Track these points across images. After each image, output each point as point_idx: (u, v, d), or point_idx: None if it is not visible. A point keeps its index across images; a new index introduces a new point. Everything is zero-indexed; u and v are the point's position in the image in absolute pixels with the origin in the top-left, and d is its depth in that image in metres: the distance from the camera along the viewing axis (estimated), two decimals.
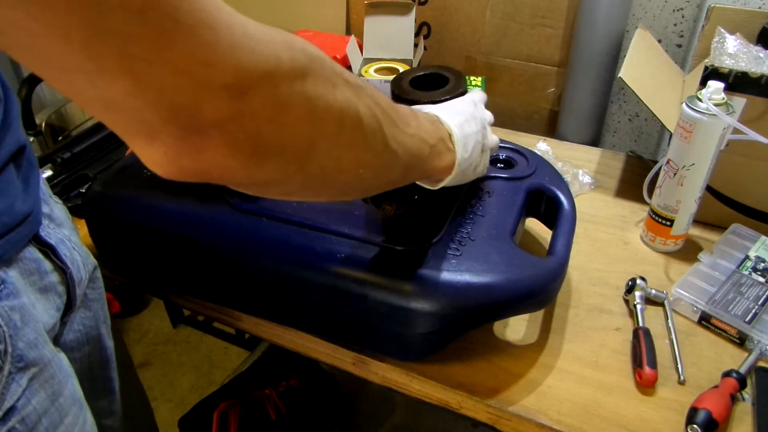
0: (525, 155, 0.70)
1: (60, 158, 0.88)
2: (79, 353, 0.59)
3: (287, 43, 0.30)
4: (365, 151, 0.37)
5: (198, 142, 0.28)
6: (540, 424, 0.54)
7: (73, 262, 0.54)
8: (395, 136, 0.40)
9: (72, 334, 0.57)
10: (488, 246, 0.56)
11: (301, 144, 0.32)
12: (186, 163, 0.29)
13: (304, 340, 0.63)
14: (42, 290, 0.49)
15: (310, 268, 0.56)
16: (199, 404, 1.20)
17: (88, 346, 0.60)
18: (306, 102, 0.31)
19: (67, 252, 0.53)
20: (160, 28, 0.24)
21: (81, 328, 0.58)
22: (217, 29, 0.26)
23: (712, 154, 0.66)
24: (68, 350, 0.56)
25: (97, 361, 0.62)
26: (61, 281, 0.52)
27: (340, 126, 0.34)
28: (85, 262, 0.57)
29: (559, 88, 1.17)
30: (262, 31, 0.29)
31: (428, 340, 0.56)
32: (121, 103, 0.26)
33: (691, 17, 1.06)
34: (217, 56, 0.26)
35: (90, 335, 0.60)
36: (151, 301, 1.76)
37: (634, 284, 0.66)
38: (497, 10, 1.15)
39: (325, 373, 1.28)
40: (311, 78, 0.31)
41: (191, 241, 0.60)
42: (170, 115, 0.26)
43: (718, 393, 0.54)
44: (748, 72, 0.66)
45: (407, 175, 0.45)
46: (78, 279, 0.54)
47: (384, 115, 0.38)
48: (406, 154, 0.42)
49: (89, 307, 0.59)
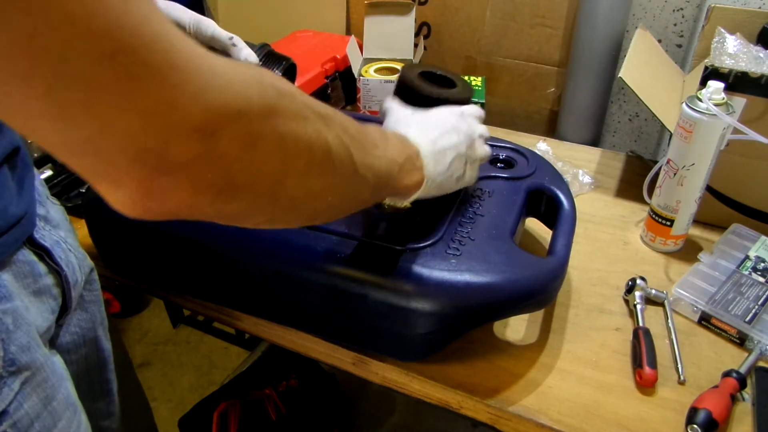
0: (525, 155, 0.71)
1: None
2: (76, 355, 0.58)
3: (257, 78, 0.30)
4: (335, 178, 0.37)
5: (165, 183, 0.27)
6: (540, 424, 0.54)
7: (69, 264, 0.54)
8: (364, 160, 0.40)
9: (68, 336, 0.57)
10: (488, 246, 0.56)
11: (270, 179, 0.32)
12: (153, 204, 0.28)
13: (304, 340, 0.63)
14: (36, 293, 0.49)
15: (310, 268, 0.56)
16: (199, 404, 1.20)
17: (84, 347, 0.60)
18: (276, 138, 0.31)
19: (62, 254, 0.53)
20: (129, 72, 0.24)
21: (78, 330, 0.58)
22: (186, 71, 0.25)
23: (712, 154, 0.66)
24: (64, 352, 0.56)
25: (95, 362, 0.62)
26: (56, 284, 0.52)
27: (310, 158, 0.34)
28: (81, 264, 0.57)
29: (559, 88, 1.17)
30: (231, 69, 0.28)
31: (428, 340, 0.56)
32: (87, 147, 0.25)
33: (691, 17, 1.07)
34: (185, 98, 0.25)
35: (87, 337, 0.60)
36: (151, 301, 1.76)
37: (634, 284, 0.66)
38: (497, 10, 1.15)
39: (325, 373, 1.28)
40: (281, 114, 0.31)
41: (191, 241, 0.60)
42: (137, 157, 0.26)
43: (718, 393, 0.54)
44: (748, 72, 0.66)
45: (375, 195, 0.46)
46: (73, 281, 0.54)
47: (353, 141, 0.38)
48: (375, 176, 0.42)
49: (86, 309, 0.59)
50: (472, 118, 0.56)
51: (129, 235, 0.65)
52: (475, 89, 0.90)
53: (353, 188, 0.41)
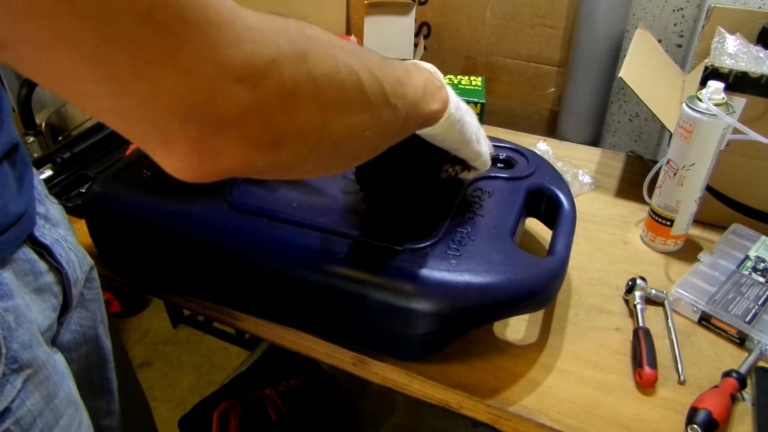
0: (525, 155, 0.70)
1: (60, 158, 0.88)
2: (77, 353, 0.59)
3: (284, 27, 0.31)
4: (371, 113, 0.38)
5: (218, 141, 0.28)
6: (540, 424, 0.54)
7: (69, 262, 0.54)
8: (395, 90, 0.41)
9: (69, 334, 0.57)
10: (488, 246, 0.56)
11: (313, 124, 0.32)
12: (208, 165, 0.29)
13: (304, 340, 0.63)
14: (37, 291, 0.49)
15: (310, 268, 0.56)
16: (199, 404, 1.20)
17: (85, 346, 0.60)
18: (311, 82, 0.31)
19: (62, 252, 0.53)
20: (168, 29, 0.24)
21: (78, 328, 0.58)
22: (221, 25, 0.26)
23: (712, 154, 0.66)
24: (65, 350, 0.56)
25: (95, 361, 0.62)
26: (57, 281, 0.52)
27: (347, 97, 0.35)
28: (81, 262, 0.57)
29: (559, 88, 1.17)
30: (259, 21, 0.29)
31: (428, 340, 0.56)
32: (136, 110, 0.26)
33: (691, 17, 1.07)
34: (225, 52, 0.26)
35: (87, 335, 0.60)
36: (151, 301, 1.76)
37: (634, 284, 0.66)
38: (497, 10, 1.15)
39: (325, 373, 1.28)
40: (312, 57, 0.31)
41: (191, 241, 0.60)
42: (187, 117, 0.26)
43: (718, 393, 0.54)
44: (748, 72, 0.66)
45: (407, 125, 0.46)
46: (74, 279, 0.54)
47: (381, 73, 0.39)
48: (404, 105, 0.43)
49: (86, 307, 0.59)
50: None
51: (129, 235, 0.65)
52: (475, 89, 0.90)
53: (388, 120, 0.41)
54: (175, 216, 0.61)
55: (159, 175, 0.72)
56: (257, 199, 0.62)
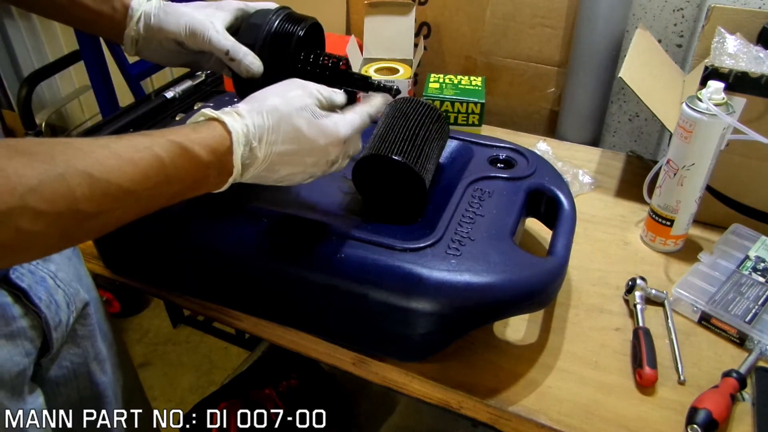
0: (525, 155, 0.70)
1: None
2: (66, 388, 0.57)
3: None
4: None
5: None
6: (540, 424, 0.54)
7: (51, 305, 0.51)
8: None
9: (58, 369, 0.56)
10: (488, 246, 0.56)
11: None
12: None
13: (304, 340, 0.63)
14: (8, 336, 0.47)
15: (310, 268, 0.56)
16: (199, 404, 1.20)
17: (76, 381, 0.58)
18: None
19: (43, 295, 0.50)
20: None
21: (68, 364, 0.57)
22: None
23: (712, 154, 0.66)
24: (53, 385, 0.55)
25: (88, 396, 0.60)
26: (34, 326, 0.50)
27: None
28: (71, 300, 0.55)
29: (559, 88, 1.17)
30: None
31: (428, 340, 0.56)
32: None
33: (691, 17, 1.06)
34: None
35: (78, 371, 0.58)
36: (151, 301, 1.76)
37: (634, 284, 0.66)
38: (497, 10, 1.15)
39: (325, 373, 1.28)
40: None
41: (191, 242, 0.60)
42: None
43: (718, 393, 0.54)
44: (748, 72, 0.66)
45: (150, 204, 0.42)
46: (55, 323, 0.52)
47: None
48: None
49: (78, 344, 0.58)
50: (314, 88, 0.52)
51: (129, 235, 0.65)
52: (475, 89, 0.90)
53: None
54: (175, 216, 0.61)
55: None
56: (257, 199, 0.62)
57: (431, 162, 0.62)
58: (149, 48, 0.58)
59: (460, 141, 0.72)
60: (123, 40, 0.57)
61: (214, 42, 0.55)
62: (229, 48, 0.55)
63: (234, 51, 0.55)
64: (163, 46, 0.57)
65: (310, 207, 0.62)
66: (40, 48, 2.04)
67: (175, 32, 0.55)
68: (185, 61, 0.60)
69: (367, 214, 0.62)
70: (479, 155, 0.70)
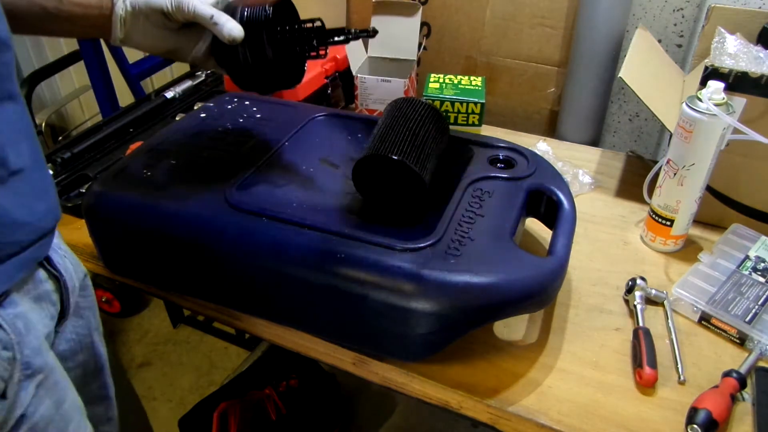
0: (525, 155, 0.71)
1: (60, 158, 0.88)
2: (73, 362, 0.58)
3: None
4: None
5: None
6: (540, 424, 0.54)
7: (66, 269, 0.53)
8: None
9: (65, 343, 0.57)
10: (488, 246, 0.56)
11: None
12: None
13: (304, 340, 0.63)
14: (36, 299, 0.49)
15: (310, 268, 0.56)
16: (199, 404, 1.20)
17: (81, 354, 0.59)
18: None
19: (60, 260, 0.53)
20: None
21: (74, 336, 0.58)
22: None
23: (712, 154, 0.66)
24: (62, 359, 0.56)
25: (92, 368, 0.61)
26: (55, 289, 0.52)
27: None
28: (76, 269, 0.56)
29: (559, 88, 1.17)
30: None
31: (428, 340, 0.56)
32: None
33: (691, 17, 1.07)
34: None
35: (83, 343, 0.59)
36: (151, 301, 1.76)
37: (634, 284, 0.66)
38: (497, 10, 1.15)
39: (325, 373, 1.28)
40: None
41: (191, 241, 0.60)
42: None
43: (718, 393, 0.54)
44: (748, 72, 0.66)
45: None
46: (71, 287, 0.54)
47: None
48: None
49: (81, 315, 0.59)
50: None
51: (129, 235, 0.65)
52: (475, 89, 0.90)
53: None
54: (175, 216, 0.61)
55: (159, 175, 0.72)
56: (257, 199, 0.62)
57: (431, 162, 0.62)
58: (136, 27, 0.59)
59: (460, 141, 0.72)
60: (111, 27, 0.58)
61: (199, 10, 0.57)
62: (213, 14, 0.57)
63: (218, 16, 0.57)
64: (150, 20, 0.58)
65: (310, 207, 0.62)
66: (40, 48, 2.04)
67: (161, 3, 0.57)
68: (170, 44, 0.61)
69: (367, 214, 0.61)
70: (479, 155, 0.70)
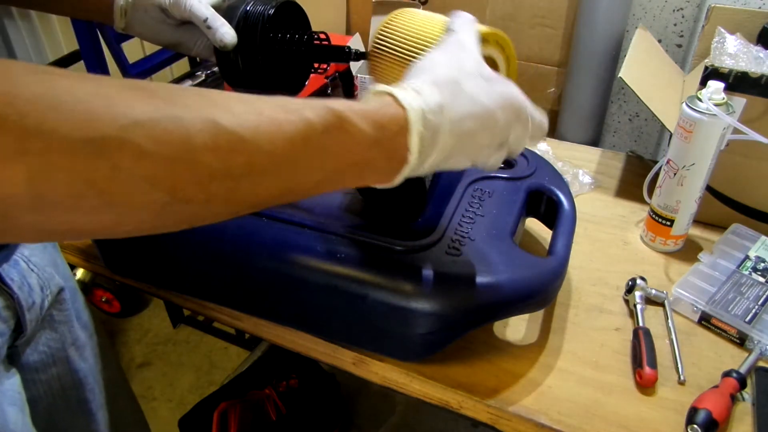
0: (525, 155, 0.71)
1: None
2: (45, 374, 0.58)
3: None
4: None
5: None
6: (540, 424, 0.54)
7: (23, 286, 0.52)
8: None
9: (36, 354, 0.56)
10: (488, 246, 0.56)
11: None
12: None
13: (304, 340, 0.63)
14: None
15: (310, 268, 0.56)
16: (199, 404, 1.20)
17: (54, 367, 0.58)
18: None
19: (15, 276, 0.51)
20: None
21: (46, 349, 0.57)
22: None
23: (712, 154, 0.66)
24: (32, 371, 0.55)
25: (69, 382, 0.61)
26: (7, 306, 0.51)
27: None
28: (45, 284, 0.55)
29: (559, 88, 1.17)
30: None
31: (428, 340, 0.56)
32: None
33: (691, 17, 1.07)
34: None
35: (56, 357, 0.59)
36: (151, 301, 1.76)
37: (634, 284, 0.66)
38: (497, 10, 1.15)
39: (325, 373, 1.28)
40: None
41: (191, 241, 0.60)
42: None
43: (718, 393, 0.54)
44: (748, 72, 0.66)
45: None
46: (29, 304, 0.53)
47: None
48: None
49: (55, 329, 0.58)
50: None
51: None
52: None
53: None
54: None
55: None
56: None
57: None
58: (136, 18, 0.59)
59: None
60: (113, 14, 0.58)
61: (195, 10, 0.56)
62: (208, 16, 0.56)
63: (212, 19, 0.56)
64: (149, 13, 0.58)
65: (310, 207, 0.62)
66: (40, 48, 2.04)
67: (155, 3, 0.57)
68: (172, 37, 0.61)
69: (367, 214, 0.61)
70: None
